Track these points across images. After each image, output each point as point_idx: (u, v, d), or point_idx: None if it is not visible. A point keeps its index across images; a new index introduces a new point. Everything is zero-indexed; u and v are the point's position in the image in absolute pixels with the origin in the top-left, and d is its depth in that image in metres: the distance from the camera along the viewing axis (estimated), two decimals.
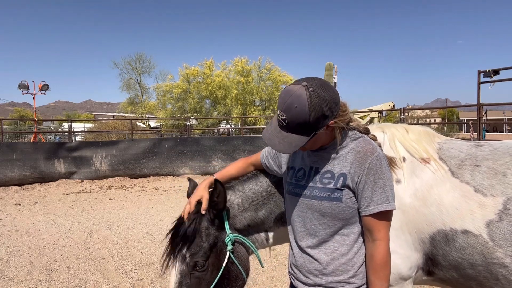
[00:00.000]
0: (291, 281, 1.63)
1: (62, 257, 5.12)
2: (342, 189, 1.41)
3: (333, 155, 1.46)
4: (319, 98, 1.31)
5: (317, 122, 1.33)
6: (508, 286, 1.67)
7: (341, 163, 1.43)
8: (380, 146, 1.51)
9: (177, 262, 1.64)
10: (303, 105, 1.30)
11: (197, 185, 1.92)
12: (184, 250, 1.63)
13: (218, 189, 1.65)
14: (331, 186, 1.42)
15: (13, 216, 7.64)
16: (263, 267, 1.91)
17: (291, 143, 1.36)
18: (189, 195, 1.91)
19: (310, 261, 1.49)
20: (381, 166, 1.38)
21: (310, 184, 1.47)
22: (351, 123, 1.50)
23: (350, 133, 1.49)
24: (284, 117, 1.34)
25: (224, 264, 1.64)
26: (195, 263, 1.61)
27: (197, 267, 1.61)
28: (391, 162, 1.58)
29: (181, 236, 1.65)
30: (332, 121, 1.37)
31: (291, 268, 1.60)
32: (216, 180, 1.65)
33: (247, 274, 1.77)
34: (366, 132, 1.55)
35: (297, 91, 1.32)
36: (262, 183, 1.86)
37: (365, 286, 1.46)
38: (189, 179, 2.02)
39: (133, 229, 6.48)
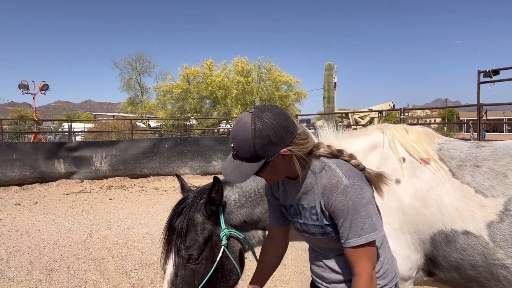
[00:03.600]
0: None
1: (62, 257, 5.11)
2: (330, 224, 1.38)
3: (309, 190, 1.41)
4: (263, 124, 1.27)
5: (264, 150, 1.28)
6: (509, 287, 1.67)
7: (317, 199, 1.39)
8: (358, 166, 1.39)
9: (173, 254, 1.68)
10: (247, 132, 1.27)
11: (184, 182, 1.97)
12: (180, 243, 1.67)
13: (217, 186, 1.66)
14: (319, 223, 1.40)
15: (13, 216, 7.63)
16: (258, 261, 1.92)
17: (242, 172, 1.32)
18: (182, 190, 1.94)
19: (330, 272, 1.49)
20: (347, 201, 1.29)
21: (304, 221, 1.46)
22: (318, 151, 1.40)
23: (315, 162, 1.40)
24: (233, 144, 1.32)
25: (218, 258, 1.67)
26: (189, 255, 1.65)
27: (191, 259, 1.65)
28: (379, 179, 1.41)
29: (176, 229, 1.69)
30: (285, 149, 1.30)
31: (315, 278, 1.62)
32: (214, 177, 1.66)
33: (242, 269, 1.79)
34: (337, 155, 1.41)
35: (244, 117, 1.30)
36: (260, 180, 1.87)
37: (390, 285, 1.45)
38: (177, 176, 2.05)
39: (133, 229, 6.48)
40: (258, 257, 1.85)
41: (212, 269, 1.66)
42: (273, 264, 1.73)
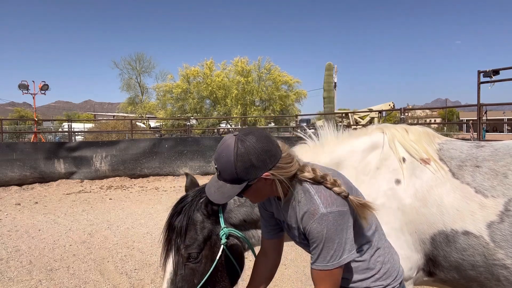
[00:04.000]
0: None
1: (62, 257, 5.11)
2: None
3: (292, 212, 1.43)
4: (246, 149, 1.28)
5: (246, 173, 1.29)
6: (510, 287, 1.67)
7: (298, 222, 1.41)
8: (340, 194, 1.33)
9: (173, 253, 1.69)
10: (229, 155, 1.28)
11: (195, 180, 1.96)
12: (179, 242, 1.68)
13: None
14: (305, 242, 1.43)
15: (13, 216, 7.63)
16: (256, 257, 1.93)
17: (224, 193, 1.34)
18: (187, 189, 1.94)
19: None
20: (322, 229, 1.30)
21: (296, 239, 1.50)
22: (302, 174, 1.38)
23: (298, 187, 1.39)
24: (216, 166, 1.34)
25: (217, 257, 1.68)
26: (189, 254, 1.66)
27: (191, 258, 1.66)
28: (363, 209, 1.36)
29: (176, 228, 1.70)
30: (267, 173, 1.31)
31: None
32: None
33: (242, 268, 1.80)
34: (320, 181, 1.37)
35: (228, 140, 1.31)
36: None
37: (394, 285, 1.46)
38: (187, 174, 2.05)
39: (133, 229, 6.48)
40: (256, 253, 1.86)
41: (212, 268, 1.66)
42: (266, 278, 1.72)
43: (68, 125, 16.97)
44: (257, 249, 1.90)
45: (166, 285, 1.67)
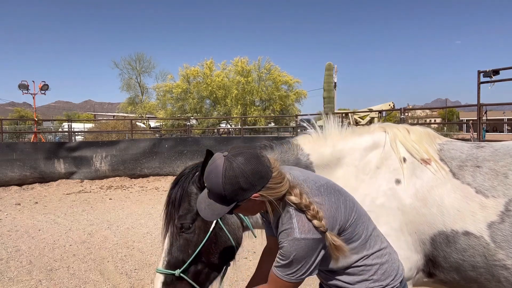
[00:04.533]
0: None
1: (62, 257, 5.11)
2: None
3: (276, 227, 1.45)
4: (234, 171, 1.27)
5: (234, 195, 1.30)
6: None
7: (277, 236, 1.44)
8: (318, 228, 1.32)
9: (170, 225, 1.76)
10: (218, 177, 1.29)
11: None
12: (174, 213, 1.75)
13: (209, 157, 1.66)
14: None
15: (13, 216, 7.63)
16: (255, 237, 1.97)
17: (214, 211, 1.35)
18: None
19: (336, 280, 1.51)
20: (292, 251, 1.32)
21: None
22: (289, 197, 1.35)
23: (286, 208, 1.37)
24: (206, 184, 1.35)
25: (211, 228, 1.72)
26: (182, 224, 1.71)
27: (183, 228, 1.71)
28: (336, 250, 1.36)
29: (171, 199, 1.77)
30: (257, 194, 1.31)
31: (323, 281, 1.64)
32: (207, 150, 1.64)
33: (238, 243, 1.83)
34: (302, 209, 1.35)
35: (218, 160, 1.31)
36: None
37: (393, 284, 1.47)
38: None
39: (133, 229, 6.48)
40: (254, 230, 1.90)
41: (205, 239, 1.70)
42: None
43: (68, 125, 16.97)
44: (258, 232, 1.92)
45: (164, 255, 1.72)
